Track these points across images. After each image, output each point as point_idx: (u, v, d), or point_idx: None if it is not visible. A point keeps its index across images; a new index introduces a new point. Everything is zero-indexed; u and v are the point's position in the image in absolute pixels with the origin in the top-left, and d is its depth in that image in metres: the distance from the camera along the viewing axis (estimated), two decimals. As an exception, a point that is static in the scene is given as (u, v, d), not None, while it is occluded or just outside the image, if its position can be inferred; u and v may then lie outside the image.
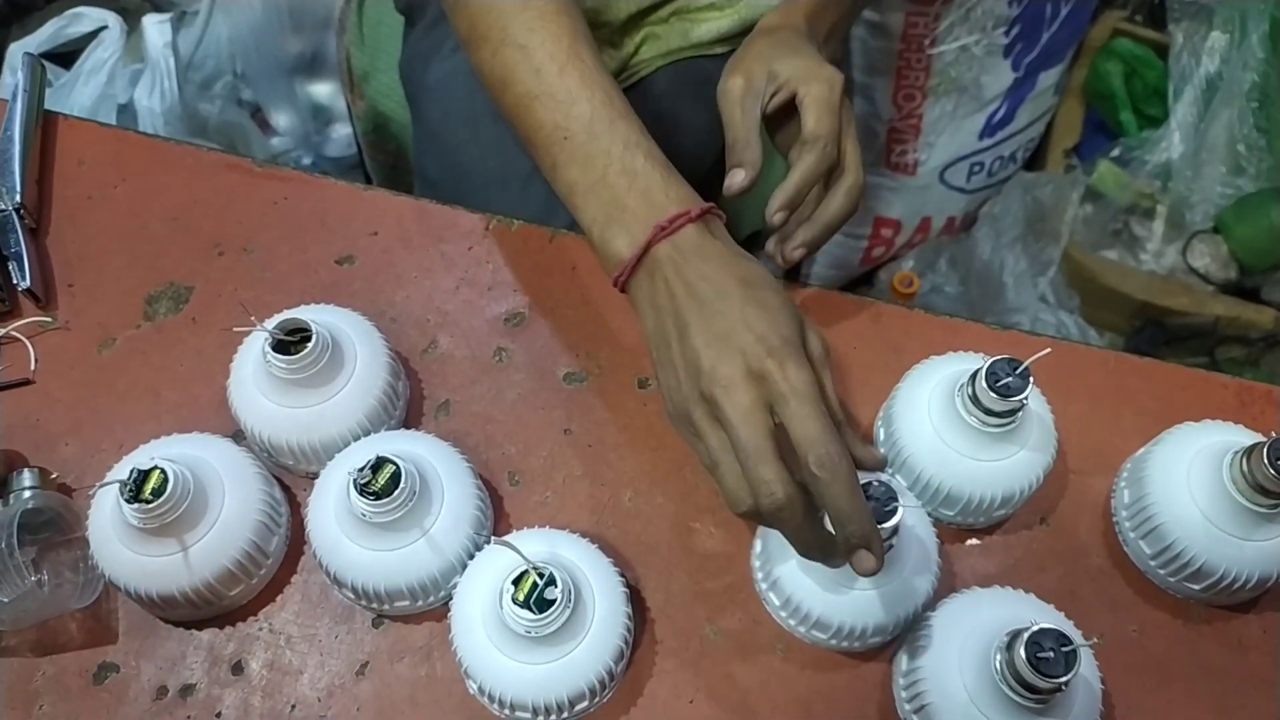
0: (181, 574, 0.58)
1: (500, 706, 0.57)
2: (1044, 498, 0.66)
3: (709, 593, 0.64)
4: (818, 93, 0.67)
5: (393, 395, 0.66)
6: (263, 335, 0.61)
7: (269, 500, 0.63)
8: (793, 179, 0.67)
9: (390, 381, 0.66)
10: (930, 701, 0.56)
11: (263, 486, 0.63)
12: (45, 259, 0.75)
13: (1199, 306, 1.47)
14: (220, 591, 0.60)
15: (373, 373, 0.65)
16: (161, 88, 1.44)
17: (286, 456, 0.65)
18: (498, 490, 0.67)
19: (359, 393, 0.64)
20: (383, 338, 0.67)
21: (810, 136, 0.67)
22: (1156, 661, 0.62)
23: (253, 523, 0.61)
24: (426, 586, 0.60)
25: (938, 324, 0.74)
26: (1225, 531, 0.59)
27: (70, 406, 0.69)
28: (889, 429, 0.65)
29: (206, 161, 0.80)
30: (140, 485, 0.56)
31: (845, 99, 0.69)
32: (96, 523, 0.60)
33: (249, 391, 0.64)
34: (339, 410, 0.63)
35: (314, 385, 0.63)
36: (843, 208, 0.69)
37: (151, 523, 0.56)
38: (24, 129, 0.77)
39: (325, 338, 0.61)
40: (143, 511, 0.56)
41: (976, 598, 0.60)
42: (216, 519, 0.59)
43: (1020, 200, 1.52)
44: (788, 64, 0.68)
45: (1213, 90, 1.48)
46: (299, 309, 0.64)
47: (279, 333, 0.61)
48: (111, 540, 0.59)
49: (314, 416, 0.63)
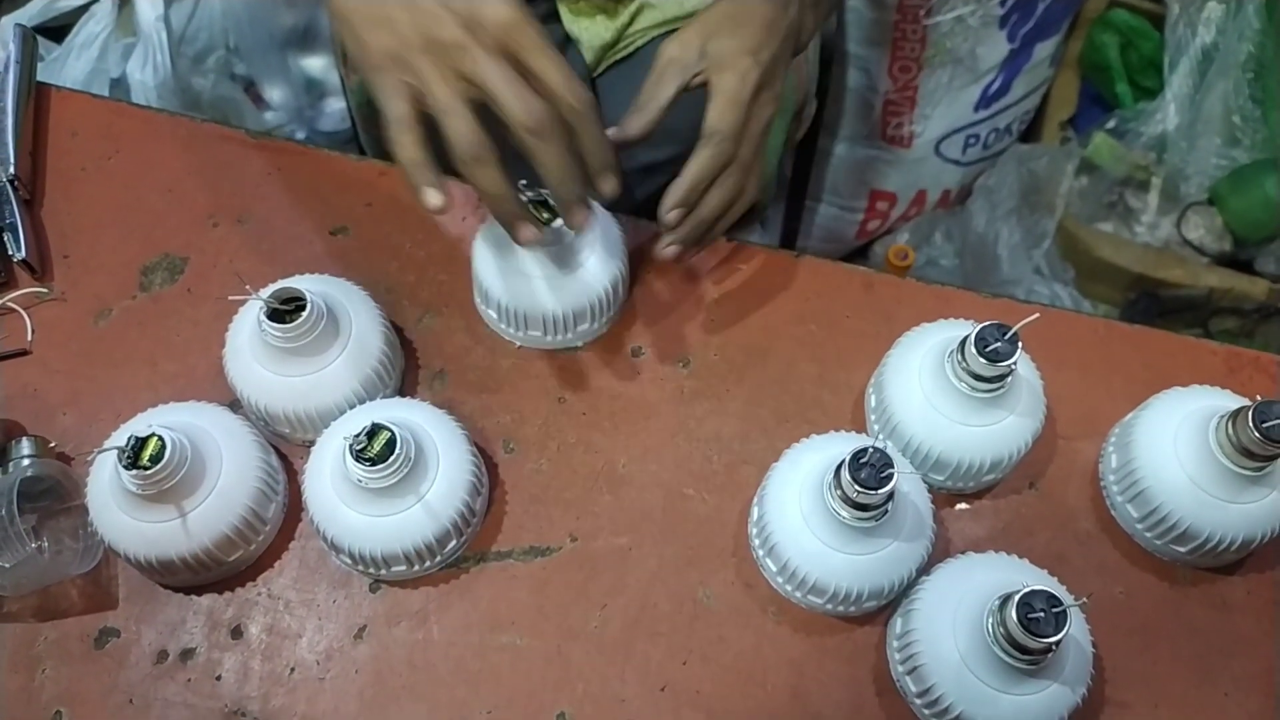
0: (180, 539, 0.59)
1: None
2: (1033, 463, 0.67)
3: (702, 558, 0.65)
4: (726, 85, 0.64)
5: (388, 364, 0.67)
6: (258, 304, 0.61)
7: (266, 467, 0.63)
8: (684, 176, 0.64)
9: (385, 350, 0.66)
10: (924, 663, 0.57)
11: (260, 454, 0.63)
12: (40, 230, 0.75)
13: (1193, 278, 1.48)
14: (219, 557, 0.61)
15: (367, 341, 0.65)
16: (154, 61, 1.43)
17: (282, 425, 0.65)
18: (493, 458, 0.68)
19: (354, 361, 0.64)
20: (377, 307, 0.67)
21: (707, 131, 0.64)
22: (1144, 623, 0.63)
23: (250, 489, 0.61)
24: (422, 551, 0.61)
25: (930, 292, 0.74)
26: (1211, 495, 0.60)
27: (68, 377, 0.70)
28: (880, 395, 0.66)
29: (200, 133, 0.80)
30: (138, 452, 0.57)
31: (763, 94, 0.65)
32: (95, 490, 0.61)
33: (245, 360, 0.64)
34: (334, 378, 0.64)
35: (309, 354, 0.63)
36: (713, 207, 0.66)
37: (150, 489, 0.57)
38: (16, 101, 0.77)
39: (320, 306, 0.62)
40: (141, 478, 0.57)
41: (970, 563, 0.61)
42: (214, 486, 0.60)
43: (1015, 172, 1.52)
44: (718, 44, 0.64)
45: (1208, 61, 1.48)
46: (294, 278, 0.64)
47: (274, 301, 0.61)
48: (110, 507, 0.60)
49: (309, 385, 0.64)
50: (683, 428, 0.69)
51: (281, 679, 0.61)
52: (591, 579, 0.64)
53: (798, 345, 0.72)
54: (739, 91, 0.63)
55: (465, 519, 0.62)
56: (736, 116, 0.64)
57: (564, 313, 0.68)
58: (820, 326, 0.73)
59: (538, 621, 0.63)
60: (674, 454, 0.68)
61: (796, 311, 0.73)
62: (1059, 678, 0.55)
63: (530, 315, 0.68)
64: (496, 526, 0.66)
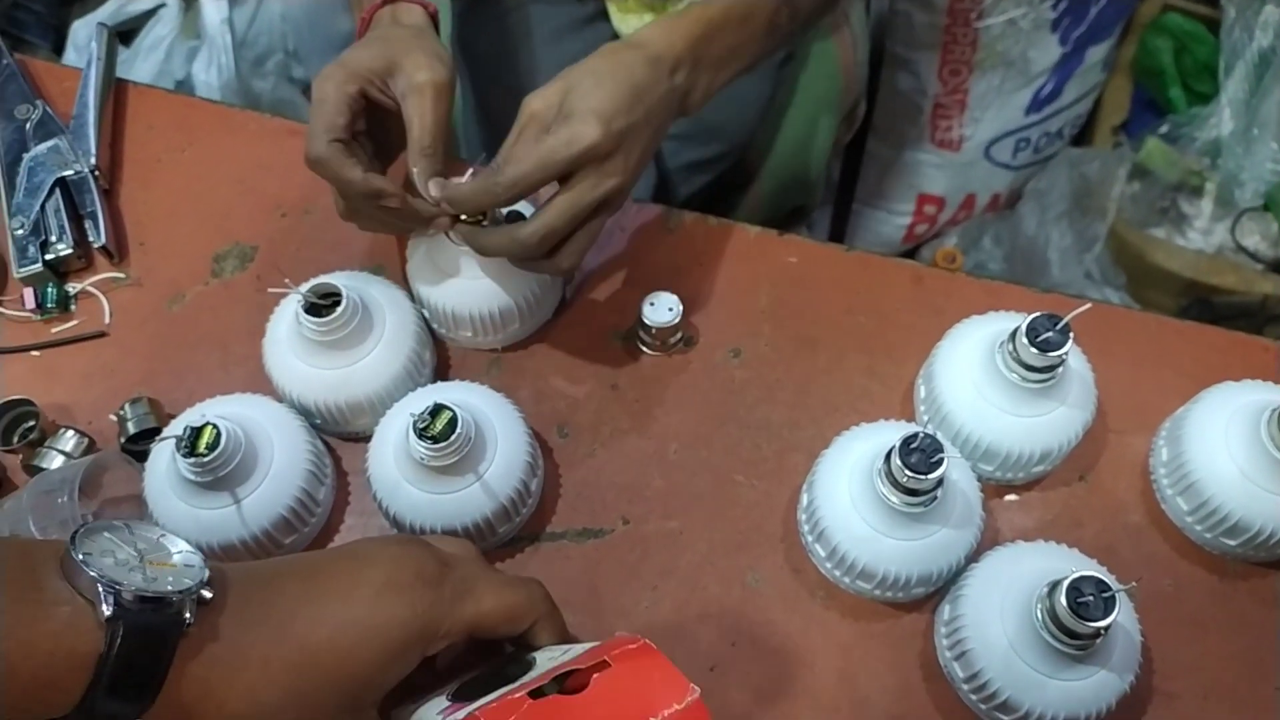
0: (236, 524, 0.61)
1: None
2: (1083, 456, 0.67)
3: (751, 542, 0.66)
4: (548, 138, 0.59)
5: (419, 361, 0.69)
6: (296, 299, 0.64)
7: (315, 451, 0.66)
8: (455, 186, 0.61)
9: (416, 349, 0.68)
10: (971, 648, 0.58)
11: (308, 439, 0.66)
12: (118, 218, 0.78)
13: (1247, 285, 1.46)
14: (277, 539, 0.63)
15: (400, 338, 0.67)
16: (219, 63, 1.48)
17: (314, 416, 0.68)
18: (547, 442, 0.69)
19: (386, 357, 0.66)
20: (410, 302, 0.70)
21: (495, 169, 0.60)
22: (1193, 615, 0.63)
23: (302, 471, 0.64)
24: (481, 528, 0.63)
25: (979, 286, 0.75)
26: (1262, 487, 0.60)
27: (143, 358, 0.73)
28: (929, 385, 0.67)
29: (269, 127, 0.83)
30: (195, 441, 0.59)
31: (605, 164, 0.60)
32: (152, 479, 0.63)
33: (282, 352, 0.67)
34: (367, 372, 0.66)
35: (344, 347, 0.65)
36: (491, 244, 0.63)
37: (206, 476, 0.59)
38: (98, 96, 0.81)
39: (355, 301, 0.64)
40: (198, 465, 0.59)
41: (1018, 551, 0.61)
42: (269, 471, 0.62)
43: (1066, 175, 1.51)
44: (571, 100, 0.60)
45: (1265, 66, 1.46)
46: (333, 274, 0.67)
47: (312, 296, 0.64)
48: (168, 495, 0.62)
49: (342, 379, 0.66)
50: (733, 415, 0.70)
51: (343, 649, 0.63)
52: (643, 561, 0.66)
53: (848, 337, 0.73)
54: (563, 149, 0.58)
55: (521, 498, 0.64)
56: (539, 173, 0.59)
57: (491, 312, 0.69)
58: (870, 319, 0.74)
59: (590, 601, 0.64)
60: (724, 440, 0.69)
61: (846, 304, 0.74)
62: (1107, 664, 0.56)
63: (458, 316, 0.70)
64: (550, 508, 0.67)
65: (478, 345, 0.73)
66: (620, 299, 0.74)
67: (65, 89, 0.82)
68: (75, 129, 0.79)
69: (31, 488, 0.63)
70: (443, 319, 0.71)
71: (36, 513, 0.61)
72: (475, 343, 0.73)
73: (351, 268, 0.72)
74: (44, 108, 0.80)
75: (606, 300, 0.75)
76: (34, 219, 0.75)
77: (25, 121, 0.80)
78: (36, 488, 0.63)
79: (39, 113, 0.80)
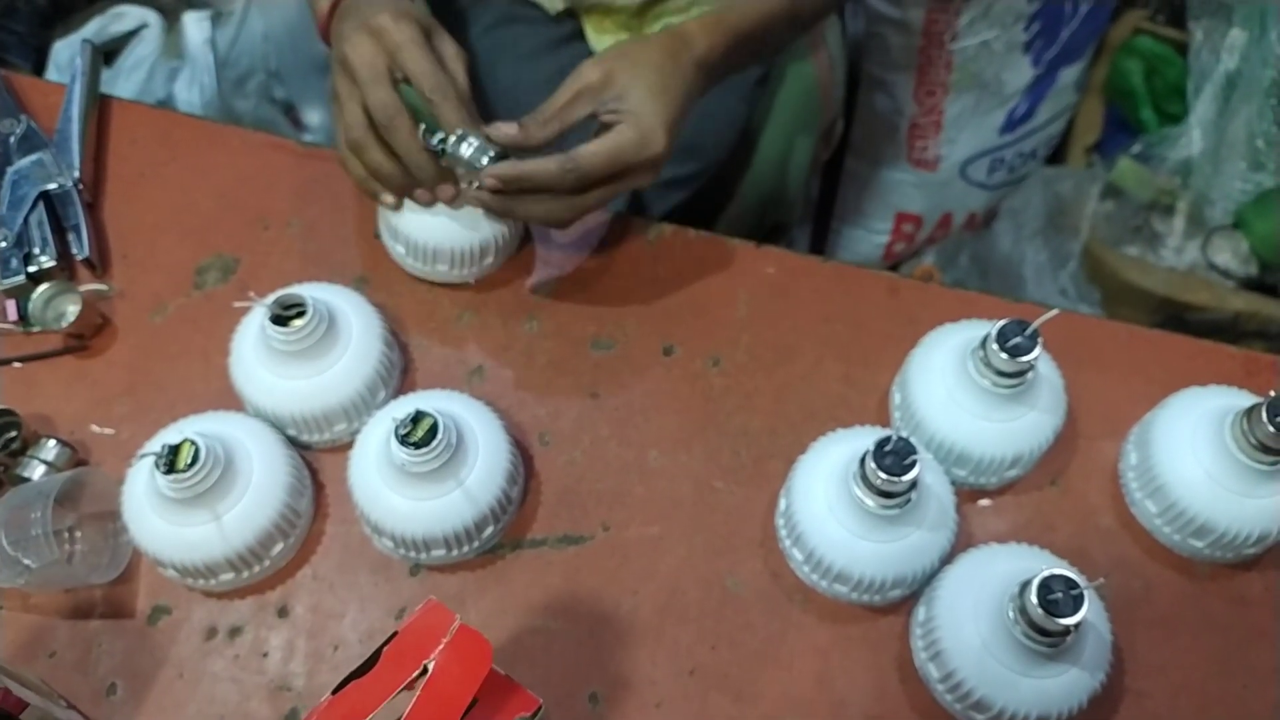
0: (218, 540, 0.62)
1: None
2: (1054, 460, 0.69)
3: (730, 547, 0.67)
4: (625, 140, 0.64)
5: (388, 366, 0.69)
6: (261, 311, 0.64)
7: (293, 462, 0.66)
8: (522, 166, 0.65)
9: (385, 352, 0.69)
10: (946, 648, 0.59)
11: (285, 451, 0.66)
12: (101, 231, 0.79)
13: (1219, 302, 1.49)
14: (260, 553, 0.64)
15: (369, 342, 0.68)
16: (201, 83, 1.48)
17: (288, 426, 0.68)
18: (529, 449, 0.70)
19: (356, 362, 0.67)
20: (377, 313, 0.70)
21: (574, 157, 0.64)
22: (1163, 616, 0.65)
23: (284, 483, 0.64)
24: (461, 536, 0.63)
25: (953, 296, 0.76)
26: (1227, 489, 0.61)
27: (125, 369, 0.73)
28: (904, 391, 0.68)
29: (251, 141, 0.84)
30: (173, 458, 0.59)
31: (647, 169, 0.66)
32: (130, 499, 0.63)
33: (250, 366, 0.67)
34: (339, 378, 0.67)
35: (313, 356, 0.66)
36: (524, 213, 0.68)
37: (187, 493, 0.60)
38: (82, 110, 0.81)
39: (321, 311, 0.65)
40: (178, 482, 0.59)
41: (991, 553, 0.63)
42: (249, 484, 0.63)
43: (1041, 195, 1.54)
44: (639, 97, 0.65)
45: (1232, 87, 1.50)
46: (298, 285, 0.68)
47: (276, 308, 0.64)
48: (147, 514, 0.62)
49: (315, 387, 0.66)
50: (712, 422, 0.71)
51: (325, 656, 0.63)
52: (623, 566, 0.66)
53: (824, 345, 0.74)
54: (633, 154, 0.64)
55: (503, 505, 0.65)
56: (609, 170, 0.64)
57: (471, 246, 0.72)
58: (846, 327, 0.75)
59: (571, 606, 0.65)
60: (704, 447, 0.70)
61: (824, 313, 0.75)
62: (1078, 663, 0.57)
63: (439, 251, 0.72)
64: (532, 515, 0.68)
65: (451, 280, 0.75)
66: (599, 310, 0.75)
67: (49, 104, 0.83)
68: (59, 143, 0.80)
69: (5, 501, 0.63)
70: (421, 253, 0.73)
71: (9, 527, 0.61)
72: (450, 276, 0.75)
73: (334, 280, 0.73)
74: (28, 122, 0.81)
75: (586, 310, 0.76)
76: (17, 232, 0.75)
77: (9, 135, 0.80)
78: (10, 502, 0.63)
79: (23, 127, 0.81)
